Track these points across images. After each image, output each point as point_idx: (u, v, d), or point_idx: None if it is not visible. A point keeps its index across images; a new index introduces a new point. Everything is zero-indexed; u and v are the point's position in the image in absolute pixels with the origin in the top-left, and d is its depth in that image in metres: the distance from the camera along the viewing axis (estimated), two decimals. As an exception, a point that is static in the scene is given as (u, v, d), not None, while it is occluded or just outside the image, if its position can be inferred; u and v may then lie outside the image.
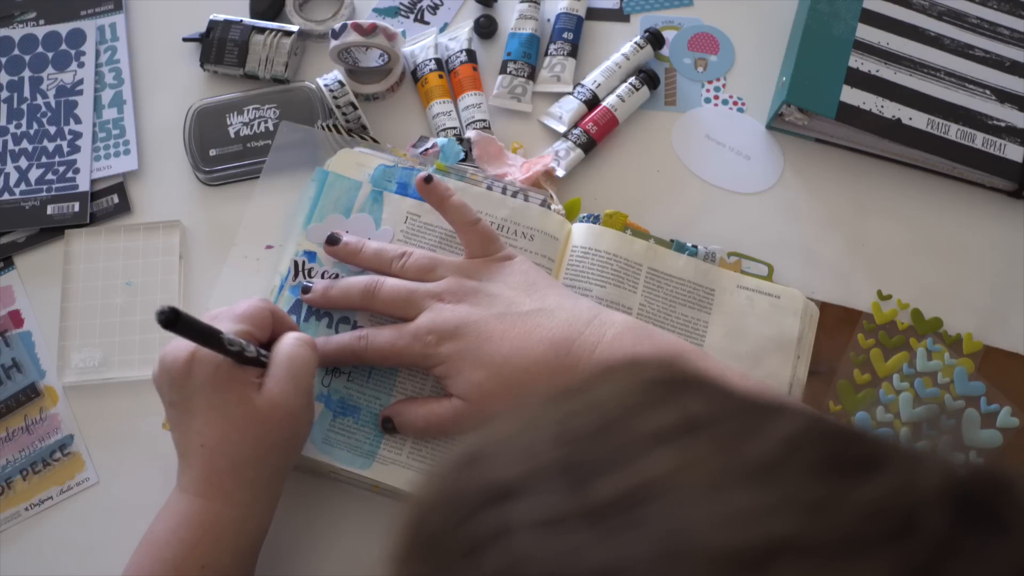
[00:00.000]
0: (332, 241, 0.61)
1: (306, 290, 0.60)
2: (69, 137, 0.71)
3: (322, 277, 0.62)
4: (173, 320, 0.45)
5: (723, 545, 0.22)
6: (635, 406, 0.26)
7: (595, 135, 0.70)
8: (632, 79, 0.73)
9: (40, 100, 0.72)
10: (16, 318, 0.66)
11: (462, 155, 0.67)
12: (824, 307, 0.65)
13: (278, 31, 0.72)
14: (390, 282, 0.58)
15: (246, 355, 0.50)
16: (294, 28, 0.73)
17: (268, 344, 0.53)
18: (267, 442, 0.51)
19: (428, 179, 0.60)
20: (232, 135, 0.69)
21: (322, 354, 0.58)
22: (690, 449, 0.24)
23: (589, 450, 0.25)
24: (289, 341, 0.53)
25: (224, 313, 0.53)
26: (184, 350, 0.50)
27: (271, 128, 0.69)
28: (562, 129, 0.71)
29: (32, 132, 0.71)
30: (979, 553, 0.22)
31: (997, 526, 0.23)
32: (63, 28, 0.74)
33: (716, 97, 0.74)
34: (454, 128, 0.70)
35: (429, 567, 0.24)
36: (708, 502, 0.23)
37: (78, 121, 0.71)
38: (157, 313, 0.44)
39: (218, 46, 0.72)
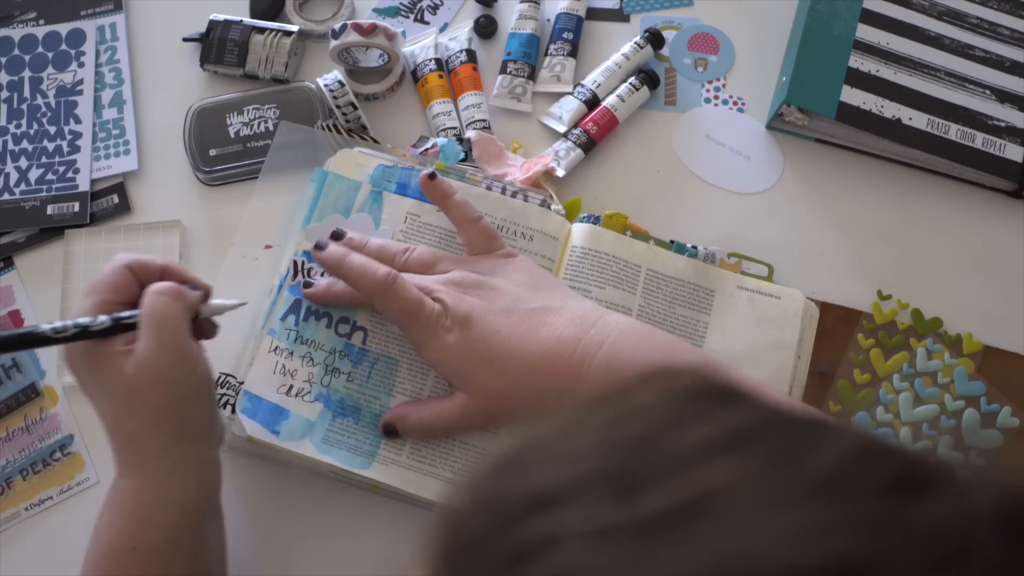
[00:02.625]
0: (336, 236, 0.60)
1: (307, 284, 0.60)
2: (69, 137, 0.71)
3: (321, 276, 0.62)
4: None
5: (785, 563, 0.21)
6: (677, 416, 0.25)
7: (595, 135, 0.70)
8: (632, 79, 0.73)
9: (40, 100, 0.72)
10: (16, 318, 0.66)
11: (462, 155, 0.67)
12: (824, 307, 0.65)
13: (278, 31, 0.72)
14: (403, 275, 0.57)
15: (91, 331, 0.48)
16: (294, 28, 0.73)
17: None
18: (151, 408, 0.49)
19: (432, 176, 0.60)
20: (232, 135, 0.69)
21: (346, 272, 0.56)
22: (742, 463, 0.23)
23: (634, 460, 0.24)
24: (149, 297, 0.49)
25: (83, 291, 0.52)
26: (66, 353, 0.50)
27: (271, 128, 0.69)
28: (562, 129, 0.71)
29: (32, 132, 0.71)
30: None
31: None
32: (63, 28, 0.74)
33: (716, 97, 0.74)
34: (454, 128, 0.70)
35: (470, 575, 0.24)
36: (767, 518, 0.22)
37: (78, 121, 0.71)
38: None
39: (218, 46, 0.72)
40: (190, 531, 0.51)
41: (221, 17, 0.73)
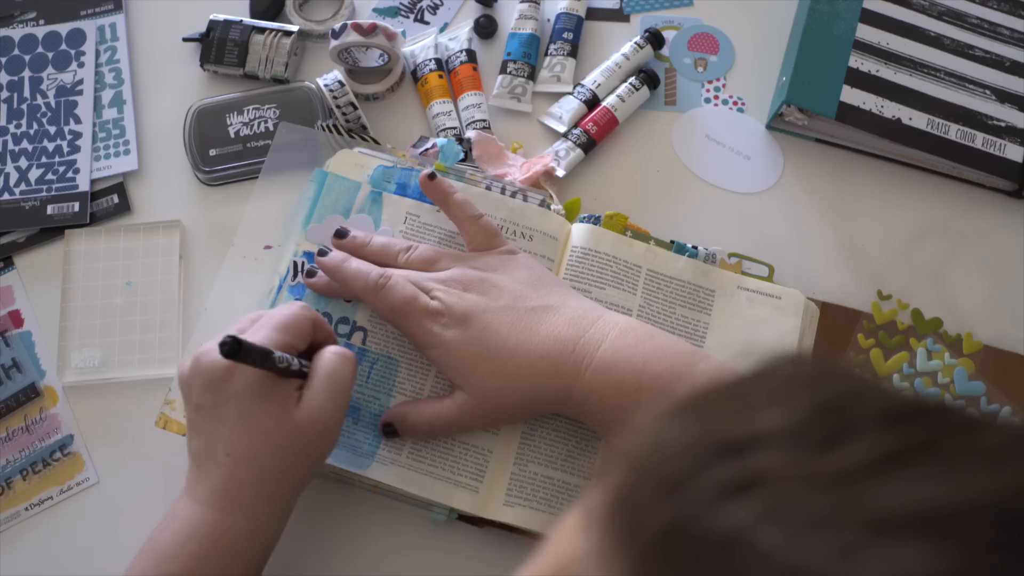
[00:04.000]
0: (340, 234, 0.61)
1: (311, 274, 0.60)
2: (69, 137, 0.71)
3: None
4: (236, 350, 0.45)
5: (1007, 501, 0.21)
6: (863, 382, 0.26)
7: (595, 135, 0.70)
8: (632, 79, 0.73)
9: (40, 100, 0.72)
10: (16, 318, 0.66)
11: (461, 155, 0.67)
12: (824, 307, 0.65)
13: (278, 31, 0.72)
14: (399, 272, 0.58)
15: (291, 370, 0.50)
16: (294, 28, 0.73)
17: (307, 351, 0.53)
18: (296, 456, 0.50)
19: (432, 176, 0.60)
20: (232, 135, 0.69)
21: (342, 276, 0.58)
22: (942, 426, 0.24)
23: (821, 418, 0.24)
24: (330, 356, 0.52)
25: (266, 320, 0.52)
26: (236, 374, 0.49)
27: (271, 128, 0.69)
28: (562, 129, 0.71)
29: (32, 132, 0.71)
30: None
31: None
32: (63, 28, 0.74)
33: (716, 97, 0.74)
34: (454, 128, 0.70)
35: (670, 512, 0.23)
36: (975, 471, 0.22)
37: (78, 121, 0.71)
38: (220, 344, 0.45)
39: (218, 46, 0.72)
40: (260, 571, 0.52)
41: (221, 17, 0.73)
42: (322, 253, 0.59)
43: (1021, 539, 0.21)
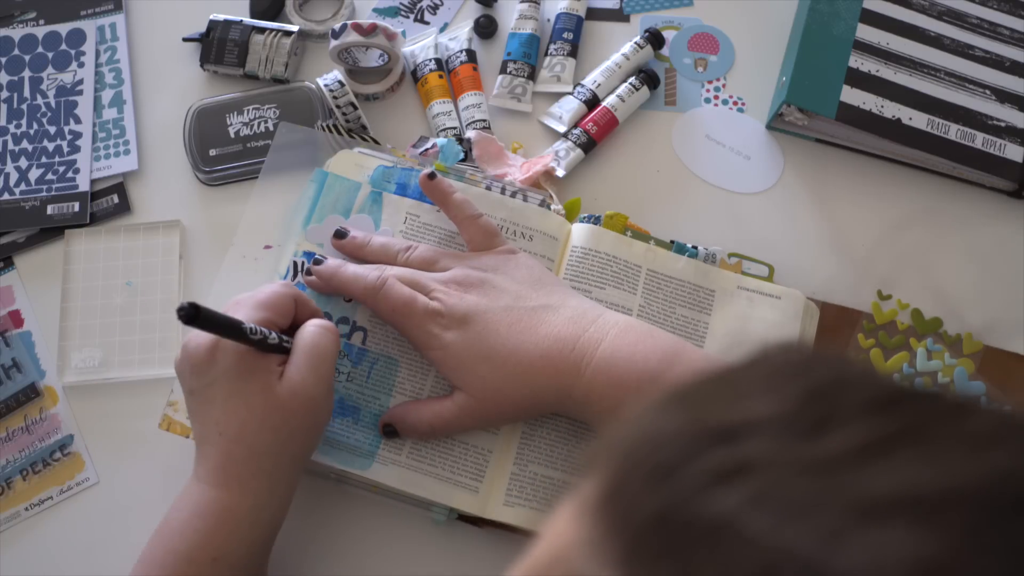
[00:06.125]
0: (340, 235, 0.61)
1: (311, 273, 0.60)
2: (69, 137, 0.71)
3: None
4: (194, 315, 0.45)
5: (988, 491, 0.21)
6: (850, 371, 0.26)
7: (595, 135, 0.70)
8: (632, 79, 0.73)
9: (40, 100, 0.72)
10: (16, 318, 0.66)
11: (461, 155, 0.67)
12: (824, 307, 0.65)
13: (278, 31, 0.72)
14: (398, 270, 0.58)
15: (268, 343, 0.50)
16: (294, 28, 0.73)
17: (291, 329, 0.54)
18: (286, 430, 0.51)
19: (432, 176, 0.61)
20: (232, 135, 0.69)
21: (338, 283, 0.58)
22: (923, 414, 0.24)
23: (810, 405, 0.24)
24: (311, 329, 0.53)
25: (246, 300, 0.53)
26: (207, 337, 0.50)
27: (271, 128, 0.69)
28: (562, 129, 0.71)
29: (32, 132, 0.71)
30: None
31: None
32: (63, 28, 0.74)
33: (716, 97, 0.74)
34: (454, 128, 0.70)
35: (660, 500, 0.23)
36: (956, 457, 0.22)
37: (78, 121, 0.71)
38: (177, 309, 0.45)
39: (218, 46, 0.72)
40: (266, 548, 0.53)
41: (221, 17, 0.73)
42: (317, 262, 0.60)
43: (1002, 523, 0.21)
